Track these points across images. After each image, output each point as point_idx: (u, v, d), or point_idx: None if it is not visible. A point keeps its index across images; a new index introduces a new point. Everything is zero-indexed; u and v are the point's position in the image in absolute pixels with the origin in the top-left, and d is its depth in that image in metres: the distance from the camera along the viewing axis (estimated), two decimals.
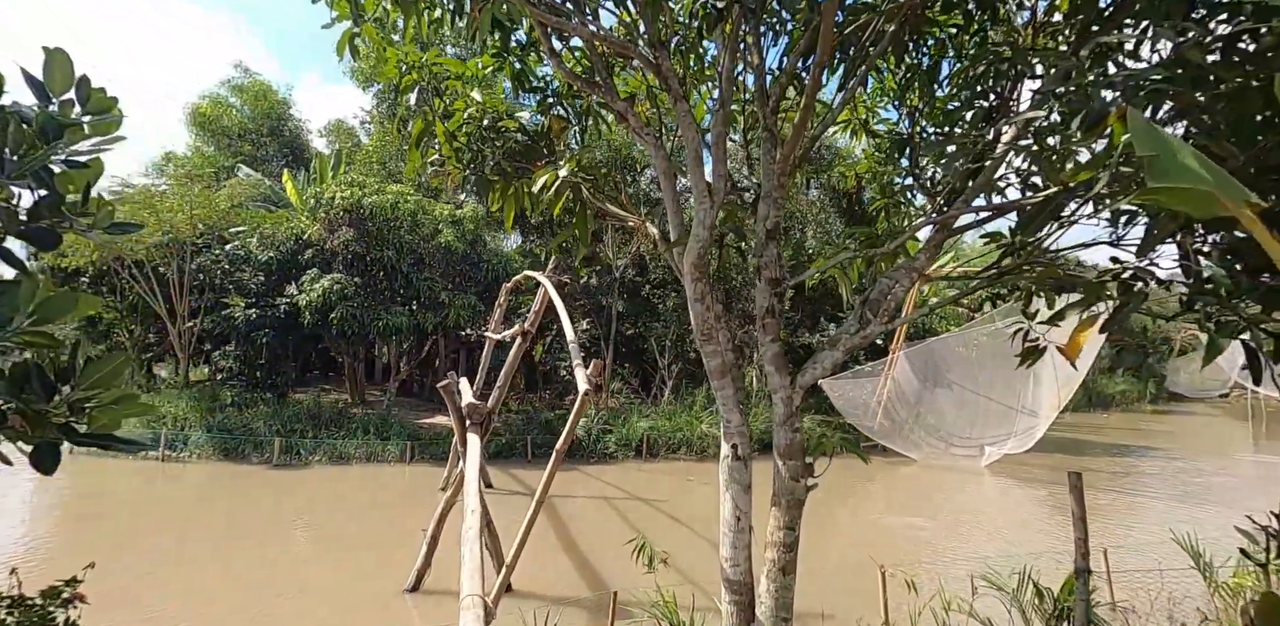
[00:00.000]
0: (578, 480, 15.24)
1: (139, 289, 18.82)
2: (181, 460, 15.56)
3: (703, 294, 4.23)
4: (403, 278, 17.86)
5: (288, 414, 17.11)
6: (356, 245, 17.19)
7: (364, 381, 23.54)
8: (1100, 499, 14.42)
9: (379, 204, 17.04)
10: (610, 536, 10.68)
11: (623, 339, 24.45)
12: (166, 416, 16.58)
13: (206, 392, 18.22)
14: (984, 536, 11.54)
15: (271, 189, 22.67)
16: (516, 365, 7.88)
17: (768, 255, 4.25)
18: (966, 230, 4.12)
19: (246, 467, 15.18)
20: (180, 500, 12.57)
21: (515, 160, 5.39)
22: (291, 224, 18.34)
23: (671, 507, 12.59)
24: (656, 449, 17.56)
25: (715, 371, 4.34)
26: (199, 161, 23.59)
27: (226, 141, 25.98)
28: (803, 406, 4.28)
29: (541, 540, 10.38)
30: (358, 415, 18.05)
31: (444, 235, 18.41)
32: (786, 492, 4.16)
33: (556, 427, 17.52)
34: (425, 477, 14.72)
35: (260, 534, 10.48)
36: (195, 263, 18.63)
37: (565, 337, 18.71)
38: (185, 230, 18.06)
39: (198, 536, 10.25)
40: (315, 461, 15.76)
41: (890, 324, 3.95)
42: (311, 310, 16.69)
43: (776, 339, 4.30)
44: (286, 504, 12.39)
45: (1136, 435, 26.14)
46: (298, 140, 27.94)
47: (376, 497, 13.19)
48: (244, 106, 26.42)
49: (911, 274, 4.29)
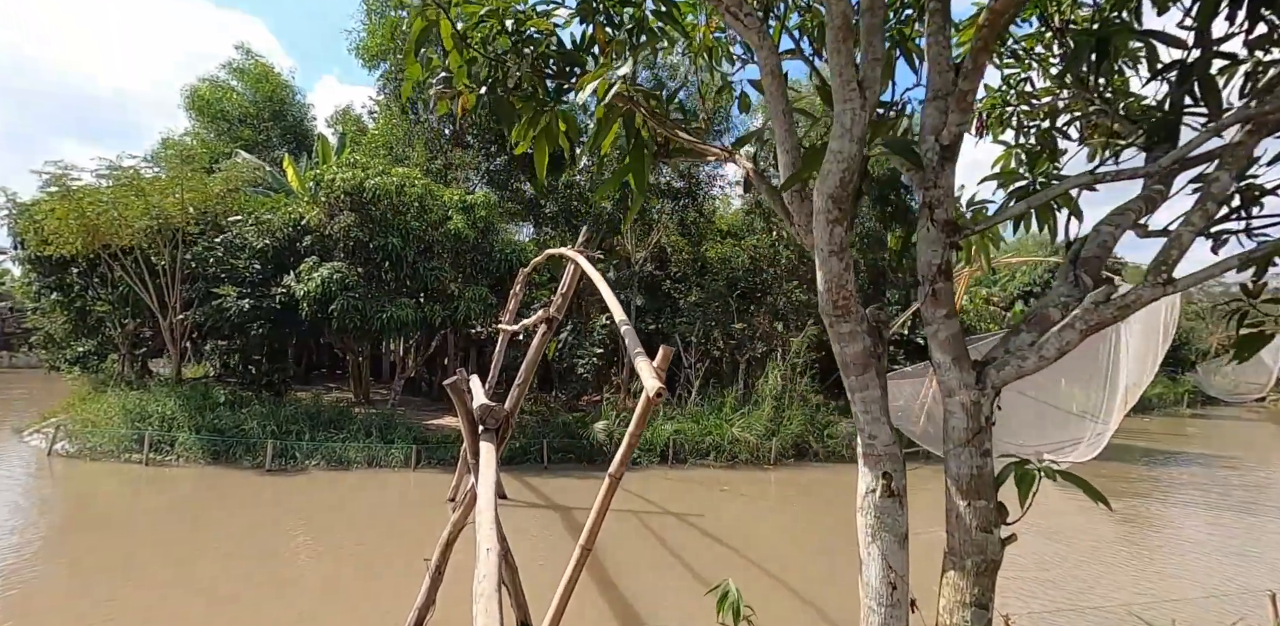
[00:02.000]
0: (598, 489, 13.79)
1: (128, 279, 17.57)
2: (167, 464, 14.24)
3: (842, 243, 2.78)
4: (409, 267, 16.49)
5: (284, 414, 15.76)
6: (359, 231, 15.84)
7: (370, 379, 22.23)
8: (1191, 516, 12.88)
9: (383, 186, 15.68)
10: (645, 559, 9.26)
11: (642, 336, 23.03)
12: (153, 416, 15.28)
13: (199, 390, 16.94)
14: (1089, 568, 10.01)
15: (272, 174, 21.40)
16: (539, 358, 6.45)
17: (942, 184, 2.80)
18: None
19: (236, 472, 13.85)
20: (160, 510, 11.23)
21: (547, 76, 3.96)
22: (289, 208, 17.01)
23: (711, 525, 11.10)
24: (683, 454, 16.11)
25: (853, 362, 2.89)
26: (197, 147, 22.31)
27: (226, 126, 24.72)
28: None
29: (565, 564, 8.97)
30: (360, 415, 16.69)
31: (454, 222, 17.04)
32: (973, 550, 2.70)
33: (575, 430, 16.11)
34: (432, 486, 13.34)
35: (245, 552, 9.11)
36: (189, 252, 17.36)
37: (582, 331, 17.25)
38: (176, 215, 16.78)
39: (174, 554, 8.89)
40: (312, 466, 14.40)
41: (1166, 289, 2.50)
42: (310, 301, 15.35)
43: (952, 314, 2.85)
44: (277, 515, 11.03)
45: (1184, 440, 24.44)
46: (301, 126, 26.67)
47: (378, 509, 11.80)
48: (246, 90, 25.16)
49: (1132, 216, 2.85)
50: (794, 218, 3.26)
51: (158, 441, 14.66)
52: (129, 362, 20.66)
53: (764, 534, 10.88)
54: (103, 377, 19.67)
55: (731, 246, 20.66)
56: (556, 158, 21.44)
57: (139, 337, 21.66)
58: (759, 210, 22.75)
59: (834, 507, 12.95)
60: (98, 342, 22.06)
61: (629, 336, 3.72)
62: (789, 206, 3.29)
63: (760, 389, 17.67)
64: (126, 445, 14.60)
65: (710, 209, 23.64)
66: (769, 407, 17.10)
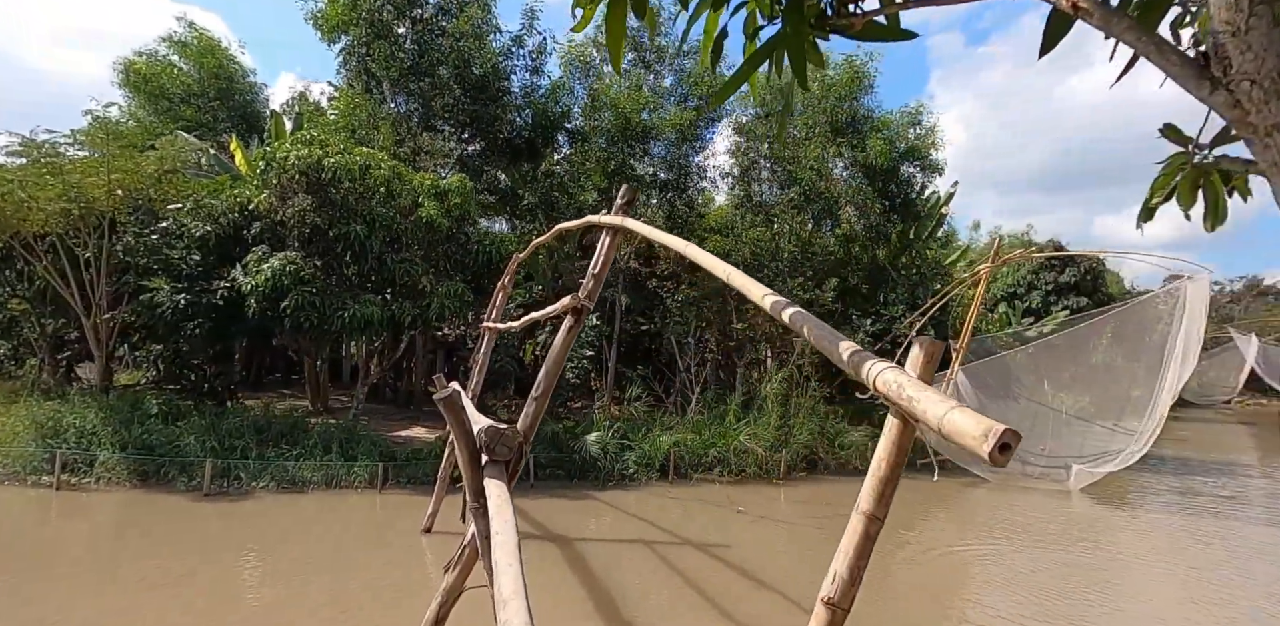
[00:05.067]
0: (595, 512, 12.10)
1: (48, 273, 15.23)
2: (84, 487, 12.06)
3: None
4: (374, 259, 14.54)
5: (228, 426, 13.66)
6: (316, 217, 13.85)
7: (328, 385, 20.11)
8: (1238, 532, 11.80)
9: (344, 166, 13.73)
10: (683, 602, 7.60)
11: (628, 336, 21.39)
12: (69, 430, 13.05)
13: (127, 400, 14.70)
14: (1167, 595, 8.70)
15: (217, 158, 19.16)
16: (564, 360, 4.78)
17: None
18: None
19: (169, 497, 11.76)
20: (70, 544, 9.15)
21: None
22: (235, 191, 14.90)
23: (743, 559, 9.42)
24: (685, 469, 14.49)
25: None
26: (131, 127, 19.88)
27: (166, 105, 22.23)
28: None
29: (578, 618, 7.27)
30: (317, 427, 14.65)
31: (425, 209, 15.14)
32: None
33: (564, 442, 14.36)
34: (402, 510, 11.48)
35: (174, 599, 7.17)
36: (119, 242, 15.12)
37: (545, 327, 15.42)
38: (102, 199, 14.55)
39: (82, 604, 6.92)
40: (260, 488, 12.38)
41: None
42: (259, 296, 13.31)
43: None
44: (217, 550, 9.05)
45: (1182, 444, 23.77)
46: (251, 107, 24.26)
47: (341, 541, 9.88)
48: (189, 65, 22.69)
49: None
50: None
51: (74, 460, 12.48)
52: (50, 368, 18.22)
53: (800, 567, 9.33)
54: (18, 386, 17.20)
55: (728, 241, 19.21)
56: (534, 144, 19.45)
57: (62, 340, 19.18)
58: (750, 204, 21.37)
59: None
60: (13, 346, 19.56)
61: (805, 321, 2.08)
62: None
63: (765, 394, 16.16)
64: (35, 465, 12.36)
65: (701, 202, 22.16)
66: (775, 415, 15.62)
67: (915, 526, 11.92)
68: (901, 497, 12.25)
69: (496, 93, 19.39)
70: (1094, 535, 11.54)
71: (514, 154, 20.25)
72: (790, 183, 19.84)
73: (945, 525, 12.52)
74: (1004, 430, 1.22)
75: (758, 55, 2.44)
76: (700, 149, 21.17)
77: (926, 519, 12.77)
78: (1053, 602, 8.17)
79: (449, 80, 18.73)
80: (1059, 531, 11.64)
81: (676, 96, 21.04)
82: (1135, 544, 11.35)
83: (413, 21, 18.69)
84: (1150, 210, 3.47)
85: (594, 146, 20.17)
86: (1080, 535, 11.49)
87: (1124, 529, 12.35)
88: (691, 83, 20.56)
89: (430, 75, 18.60)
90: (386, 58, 18.14)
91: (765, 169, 21.52)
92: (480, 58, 18.82)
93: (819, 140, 19.55)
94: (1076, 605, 8.14)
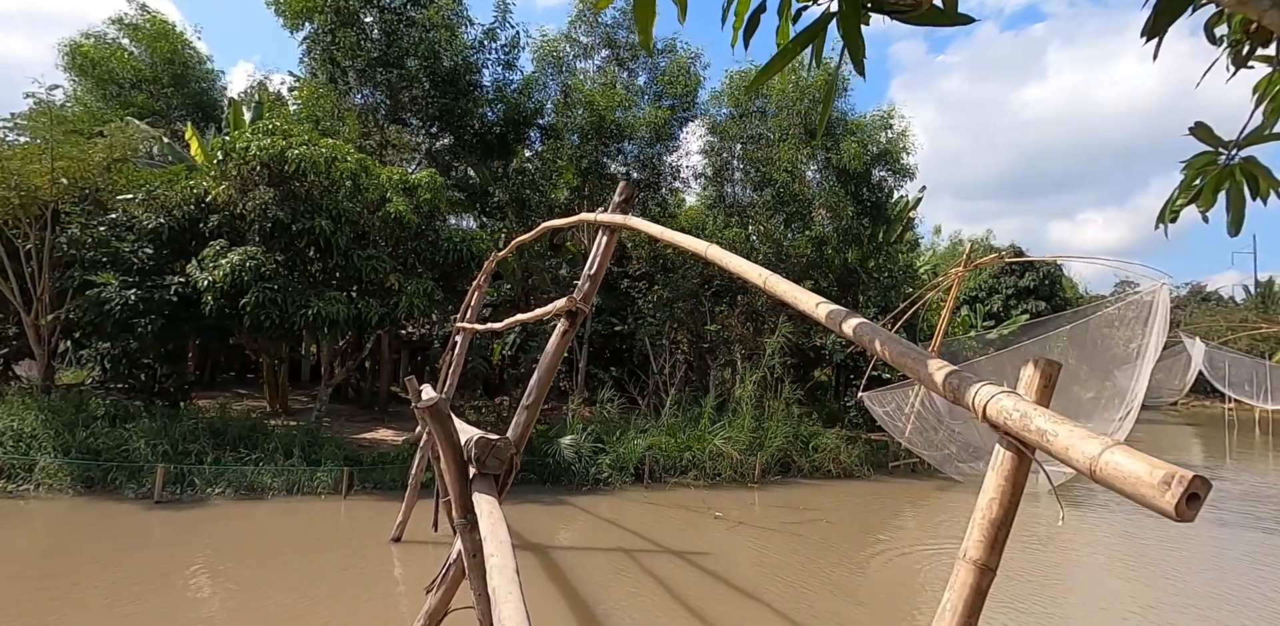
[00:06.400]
0: (569, 517, 11.81)
1: None
2: (21, 494, 11.28)
3: None
4: (340, 255, 13.98)
5: (181, 429, 12.97)
6: (279, 210, 13.24)
7: (287, 386, 19.37)
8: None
9: (309, 158, 13.15)
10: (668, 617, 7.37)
11: (599, 337, 21.12)
12: (6, 434, 12.21)
13: (71, 401, 13.86)
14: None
15: (171, 147, 18.26)
16: (557, 366, 4.53)
17: None
18: None
19: (116, 505, 11.08)
20: (6, 559, 8.50)
21: None
22: (191, 182, 14.17)
23: (721, 565, 9.26)
24: (659, 473, 14.27)
25: None
26: (76, 112, 18.80)
27: (115, 90, 21.10)
28: None
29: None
30: (277, 429, 14.04)
31: (394, 204, 14.64)
32: None
33: (536, 445, 14.01)
34: (370, 517, 11.03)
35: (121, 619, 6.67)
36: (64, 233, 14.24)
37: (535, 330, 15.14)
38: (44, 187, 13.68)
39: None
40: (216, 495, 11.76)
41: None
42: (216, 293, 12.67)
43: None
44: (168, 563, 8.50)
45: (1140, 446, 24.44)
46: (208, 95, 23.22)
47: (303, 551, 9.40)
48: (140, 49, 21.58)
49: None
50: None
51: (10, 466, 11.68)
52: None
53: (781, 575, 9.19)
54: None
55: None
56: (505, 140, 18.98)
57: (2, 337, 18.08)
58: (723, 204, 21.31)
59: (850, 534, 11.46)
60: None
61: (875, 335, 1.87)
62: None
63: (739, 396, 16.04)
64: None
65: (675, 201, 21.99)
66: (748, 418, 15.52)
67: (885, 529, 11.94)
68: (871, 501, 12.27)
69: (467, 86, 18.91)
70: (1058, 534, 11.73)
71: (485, 150, 19.78)
72: (764, 184, 19.80)
73: (916, 527, 12.58)
74: (1192, 478, 1.02)
75: (805, 35, 2.23)
76: (674, 148, 21.01)
77: (898, 519, 12.82)
78: (1023, 603, 8.19)
79: (418, 72, 18.18)
80: (1027, 533, 11.79)
81: (650, 95, 20.84)
82: (1097, 544, 11.55)
83: (380, 10, 18.09)
84: (1175, 212, 3.35)
85: (566, 143, 19.83)
86: (1048, 535, 11.66)
87: (1087, 530, 12.57)
88: (666, 82, 20.38)
89: (398, 66, 18.03)
90: (352, 47, 17.52)
91: (739, 170, 21.46)
92: (451, 50, 18.32)
93: (793, 142, 19.55)
94: (1041, 604, 8.19)
